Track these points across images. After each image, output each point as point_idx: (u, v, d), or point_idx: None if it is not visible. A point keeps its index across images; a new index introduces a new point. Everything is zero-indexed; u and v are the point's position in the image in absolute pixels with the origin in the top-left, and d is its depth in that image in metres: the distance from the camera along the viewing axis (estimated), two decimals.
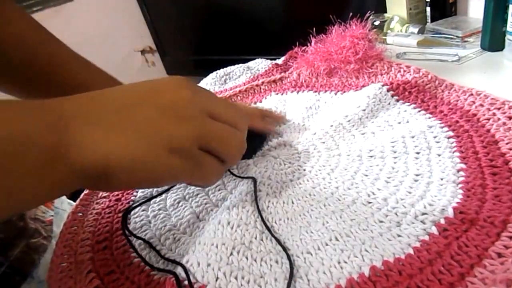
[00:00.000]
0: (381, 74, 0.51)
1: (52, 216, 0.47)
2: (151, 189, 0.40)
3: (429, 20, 0.68)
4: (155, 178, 0.25)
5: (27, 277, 0.38)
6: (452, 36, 0.60)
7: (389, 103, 0.43)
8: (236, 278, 0.25)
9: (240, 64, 0.71)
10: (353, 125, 0.41)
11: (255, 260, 0.27)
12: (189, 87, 0.26)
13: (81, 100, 0.24)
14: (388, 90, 0.44)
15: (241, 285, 0.25)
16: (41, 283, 0.38)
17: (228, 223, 0.29)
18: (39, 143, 0.21)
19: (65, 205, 0.51)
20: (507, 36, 0.49)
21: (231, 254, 0.27)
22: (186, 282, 0.26)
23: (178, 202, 0.37)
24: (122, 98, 0.25)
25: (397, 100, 0.43)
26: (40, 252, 0.40)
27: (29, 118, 0.21)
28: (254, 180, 0.34)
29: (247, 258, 0.27)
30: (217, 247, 0.27)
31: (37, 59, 0.38)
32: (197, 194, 0.37)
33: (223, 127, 0.27)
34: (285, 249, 0.27)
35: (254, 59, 0.72)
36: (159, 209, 0.37)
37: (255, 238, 0.29)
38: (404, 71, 0.49)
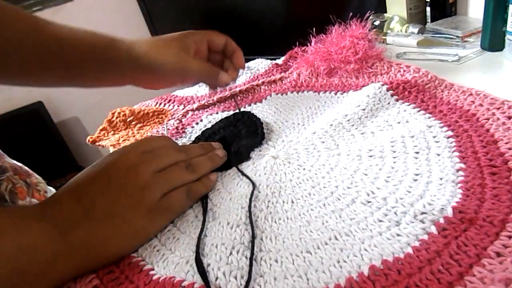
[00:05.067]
0: (381, 74, 0.51)
1: None
2: None
3: (429, 20, 0.68)
4: (146, 235, 0.32)
5: None
6: (452, 36, 0.60)
7: (388, 103, 0.43)
8: (235, 277, 0.25)
9: None
10: (353, 125, 0.41)
11: (255, 260, 0.27)
12: (124, 158, 0.33)
13: (60, 207, 0.30)
14: (387, 90, 0.44)
15: (240, 284, 0.25)
16: None
17: (228, 223, 0.29)
18: (43, 250, 0.27)
19: None
20: (507, 36, 0.49)
21: (231, 254, 0.27)
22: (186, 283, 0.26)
23: None
24: (92, 193, 0.31)
25: (397, 100, 0.43)
26: None
27: (32, 230, 0.27)
28: (254, 185, 0.34)
29: (246, 258, 0.27)
30: (216, 247, 0.27)
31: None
32: None
33: (172, 170, 0.34)
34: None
35: (254, 59, 0.72)
36: None
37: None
38: (404, 71, 0.49)
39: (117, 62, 0.43)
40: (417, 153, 0.34)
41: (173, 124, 0.55)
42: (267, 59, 0.71)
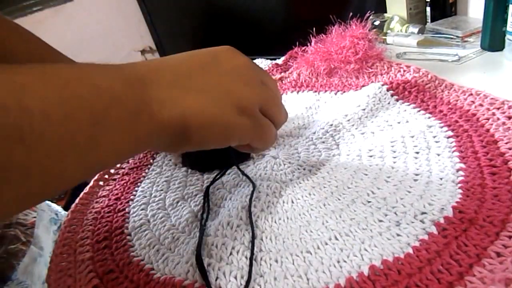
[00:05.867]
0: (381, 74, 0.51)
1: (35, 217, 0.48)
2: (150, 188, 0.40)
3: (429, 20, 0.68)
4: (226, 135, 0.27)
5: (7, 280, 0.38)
6: (452, 36, 0.60)
7: (388, 103, 0.43)
8: (235, 277, 0.25)
9: None
10: (353, 125, 0.41)
11: (255, 260, 0.27)
12: (242, 54, 0.29)
13: (152, 66, 0.25)
14: (388, 90, 0.44)
15: (240, 284, 0.25)
16: (20, 284, 0.38)
17: (228, 223, 0.29)
18: (123, 98, 0.21)
19: (43, 206, 0.51)
20: (507, 36, 0.49)
21: (231, 253, 0.27)
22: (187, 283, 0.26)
23: (177, 202, 0.37)
24: (189, 64, 0.26)
25: (397, 100, 0.43)
26: (19, 257, 0.41)
27: (110, 76, 0.22)
28: (254, 185, 0.34)
29: (246, 258, 0.27)
30: (216, 247, 0.27)
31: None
32: (196, 194, 0.37)
33: (275, 95, 0.31)
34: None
35: (254, 59, 0.72)
36: (158, 209, 0.37)
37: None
38: (404, 71, 0.49)
39: None
40: (417, 153, 0.34)
41: None
42: (267, 59, 0.71)
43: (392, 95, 0.44)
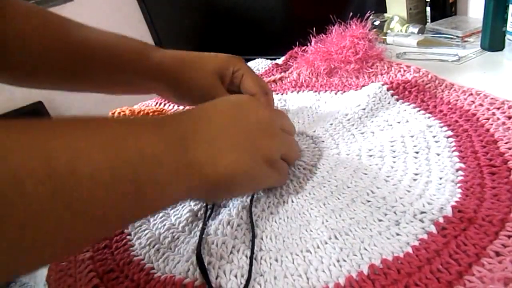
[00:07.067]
0: (381, 74, 0.51)
1: None
2: None
3: (429, 20, 0.68)
4: (257, 186, 0.31)
5: (10, 282, 0.38)
6: (452, 36, 0.60)
7: (388, 102, 0.43)
8: (236, 276, 0.25)
9: None
10: (353, 124, 0.41)
11: (255, 259, 0.27)
12: (263, 106, 0.32)
13: (190, 125, 0.27)
14: (388, 90, 0.45)
15: (241, 283, 0.25)
16: (23, 285, 0.38)
17: (229, 223, 0.29)
18: (165, 162, 0.23)
19: None
20: (507, 36, 0.49)
21: (231, 252, 0.27)
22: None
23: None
24: (221, 121, 0.28)
25: (397, 100, 0.43)
26: None
27: (153, 139, 0.23)
28: None
29: (246, 256, 0.27)
30: (217, 245, 0.27)
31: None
32: None
33: (292, 139, 0.35)
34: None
35: (254, 59, 0.72)
36: None
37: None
38: (404, 70, 0.49)
39: (147, 75, 0.41)
40: (417, 152, 0.34)
41: None
42: (267, 59, 0.71)
43: (392, 95, 0.44)
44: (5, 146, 0.16)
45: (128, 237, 0.34)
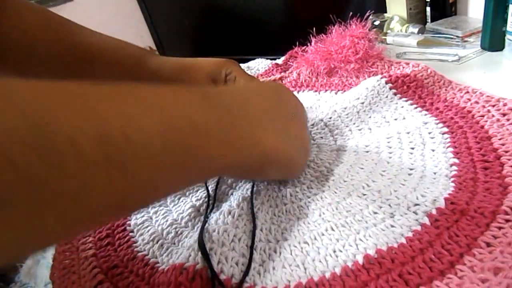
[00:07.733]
0: (381, 73, 0.51)
1: None
2: None
3: (429, 20, 0.69)
4: (292, 172, 0.32)
5: (10, 282, 0.39)
6: (452, 36, 0.60)
7: (386, 96, 0.44)
8: (236, 264, 0.26)
9: (240, 64, 0.71)
10: (351, 119, 0.42)
11: (255, 249, 0.28)
12: (295, 95, 0.34)
13: (236, 96, 0.27)
14: (386, 83, 0.45)
15: (241, 271, 0.26)
16: (24, 286, 0.39)
17: (230, 212, 0.30)
18: (212, 134, 0.22)
19: None
20: (507, 36, 0.50)
21: (232, 240, 0.28)
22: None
23: (179, 198, 0.37)
24: (265, 103, 0.29)
25: (395, 94, 0.44)
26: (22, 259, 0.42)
27: (202, 108, 0.22)
28: (253, 180, 0.35)
29: (247, 246, 0.28)
30: (218, 233, 0.28)
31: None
32: (197, 190, 0.38)
33: None
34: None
35: (254, 59, 0.73)
36: (160, 205, 0.37)
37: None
38: (403, 67, 0.49)
39: (144, 81, 0.42)
40: (413, 148, 0.34)
41: None
42: (267, 59, 0.72)
43: (390, 89, 0.44)
44: (56, 106, 0.15)
45: (130, 234, 0.35)
